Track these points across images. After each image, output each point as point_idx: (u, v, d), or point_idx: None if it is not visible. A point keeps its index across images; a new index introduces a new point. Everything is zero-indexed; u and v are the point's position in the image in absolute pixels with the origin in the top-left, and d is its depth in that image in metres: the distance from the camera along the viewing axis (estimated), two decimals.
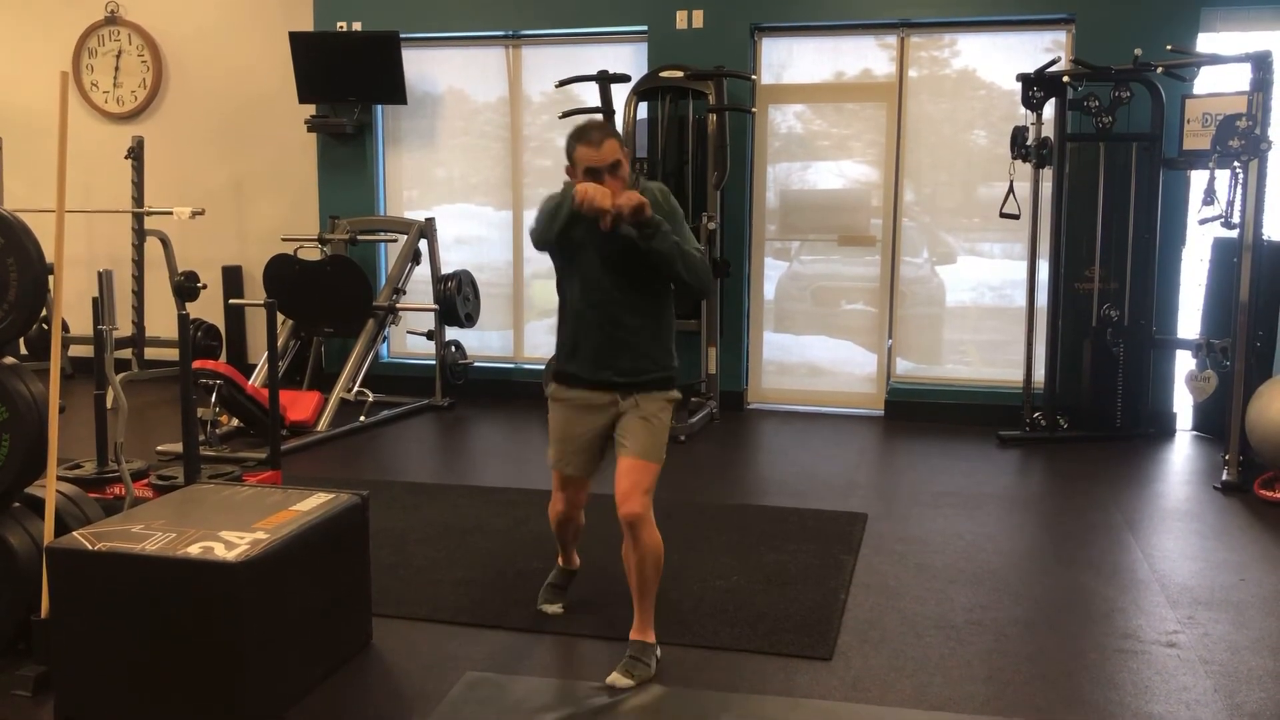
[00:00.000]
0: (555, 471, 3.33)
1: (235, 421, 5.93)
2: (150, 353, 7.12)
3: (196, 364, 5.30)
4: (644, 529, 3.08)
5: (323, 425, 6.12)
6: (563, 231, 3.06)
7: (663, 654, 3.20)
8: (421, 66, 7.24)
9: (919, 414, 6.56)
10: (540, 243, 3.15)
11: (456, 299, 6.84)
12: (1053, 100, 5.90)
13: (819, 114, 6.80)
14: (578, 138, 3.04)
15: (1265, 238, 5.35)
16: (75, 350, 7.55)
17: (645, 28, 6.76)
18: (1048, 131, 5.95)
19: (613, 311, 3.10)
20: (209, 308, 7.35)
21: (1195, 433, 6.26)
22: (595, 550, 3.86)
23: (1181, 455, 5.89)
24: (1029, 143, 5.94)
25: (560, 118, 6.47)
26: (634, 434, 3.10)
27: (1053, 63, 5.87)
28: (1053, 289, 6.07)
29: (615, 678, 3.05)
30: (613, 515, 3.10)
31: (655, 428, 3.11)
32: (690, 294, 3.15)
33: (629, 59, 6.83)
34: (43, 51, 7.87)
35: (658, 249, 2.99)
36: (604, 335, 3.12)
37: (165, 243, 7.11)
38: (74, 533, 2.95)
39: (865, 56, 6.64)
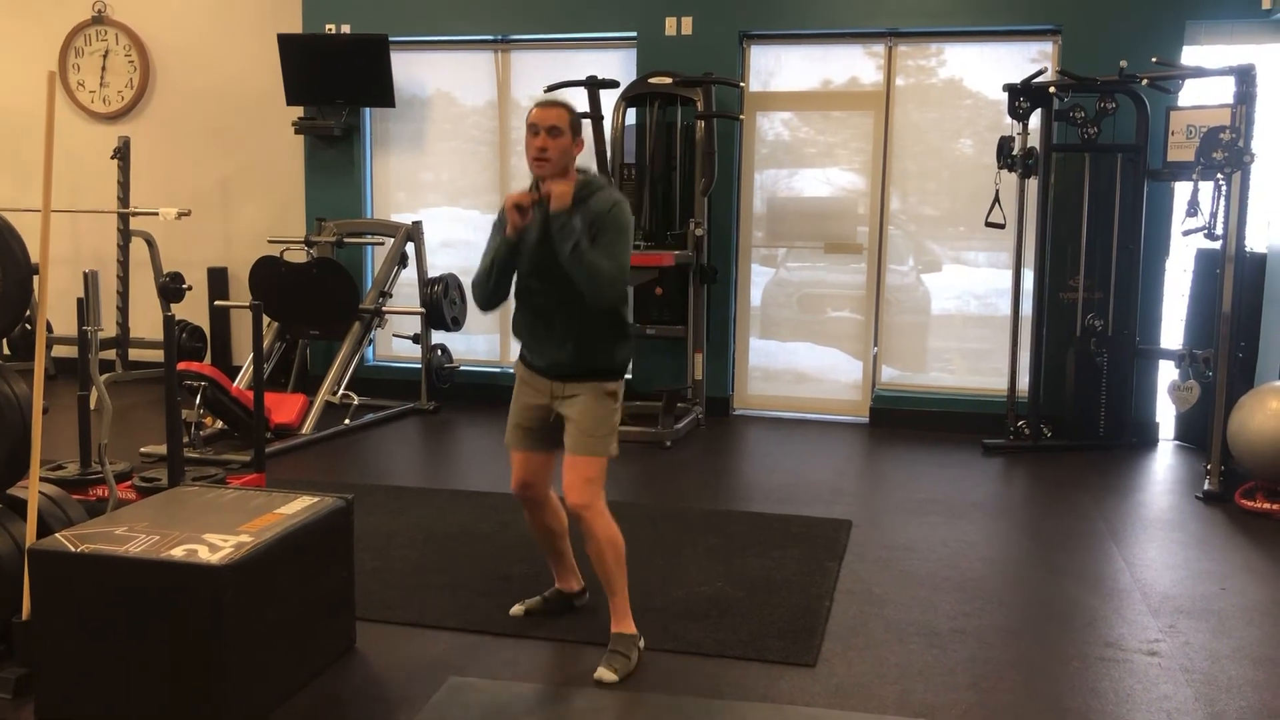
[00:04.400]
0: (509, 447, 3.37)
1: (219, 424, 5.92)
2: (135, 354, 7.10)
3: (181, 365, 5.28)
4: (593, 519, 3.14)
5: (307, 428, 6.10)
6: (499, 275, 3.17)
7: (646, 660, 3.21)
8: (410, 70, 7.24)
9: (904, 421, 6.58)
10: (484, 302, 3.23)
11: (443, 302, 6.84)
12: (1038, 111, 5.94)
13: (806, 121, 6.82)
14: (539, 101, 3.29)
15: (1247, 249, 5.39)
16: (59, 351, 7.52)
17: (634, 34, 6.77)
18: (1033, 142, 5.98)
19: (545, 304, 3.17)
20: (194, 309, 7.32)
21: (1177, 442, 6.29)
22: (578, 555, 3.84)
23: (1164, 465, 5.93)
24: (1015, 153, 5.97)
25: None
26: (569, 430, 3.17)
27: (1039, 73, 5.91)
28: (1037, 298, 6.10)
29: (601, 673, 3.10)
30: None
31: (589, 420, 3.14)
32: (592, 302, 3.09)
33: (618, 65, 6.84)
34: (29, 51, 7.84)
35: (560, 248, 3.03)
36: (540, 325, 3.20)
37: (151, 243, 7.09)
38: (56, 534, 2.94)
39: (853, 65, 6.67)
